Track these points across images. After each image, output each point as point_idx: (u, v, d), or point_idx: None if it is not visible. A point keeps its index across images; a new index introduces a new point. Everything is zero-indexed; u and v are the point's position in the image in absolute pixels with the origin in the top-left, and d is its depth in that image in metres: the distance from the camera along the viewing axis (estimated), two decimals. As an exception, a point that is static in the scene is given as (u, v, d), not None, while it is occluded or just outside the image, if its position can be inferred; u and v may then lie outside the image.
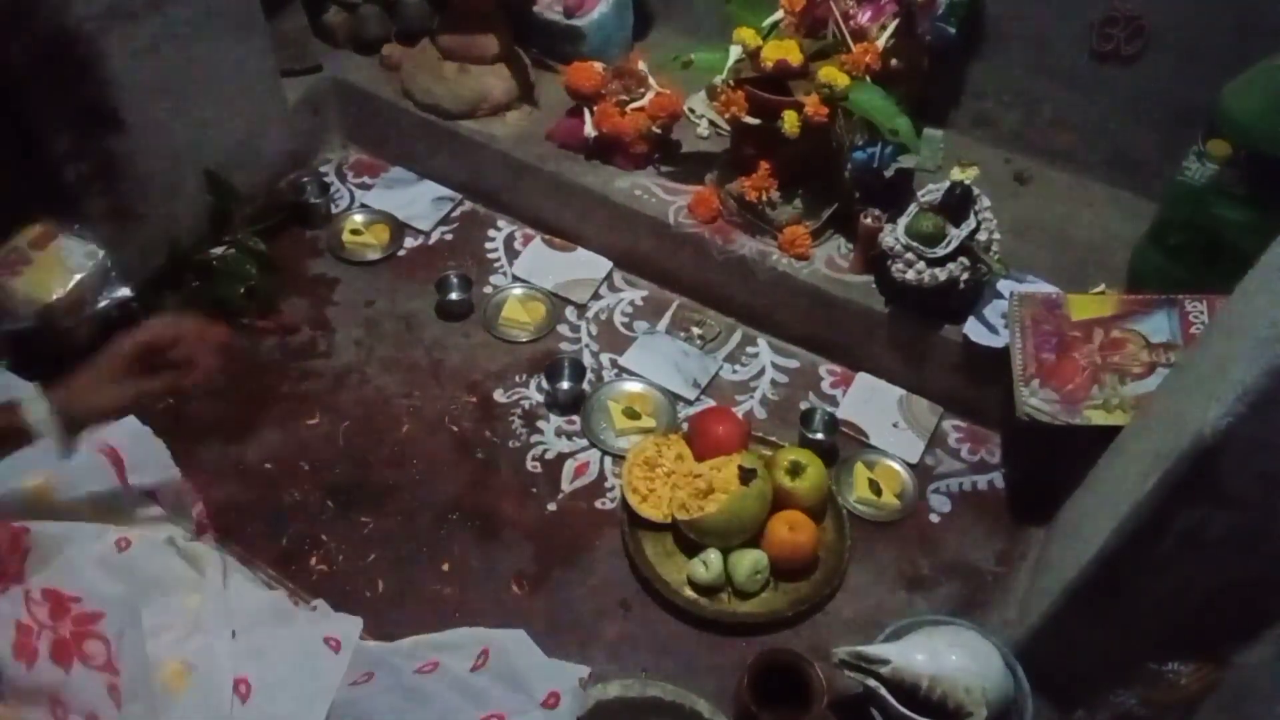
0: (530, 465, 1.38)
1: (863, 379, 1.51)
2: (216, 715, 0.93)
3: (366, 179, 1.81)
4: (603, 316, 1.60)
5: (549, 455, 1.40)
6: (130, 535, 1.01)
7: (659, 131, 1.59)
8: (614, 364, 1.52)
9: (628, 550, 1.27)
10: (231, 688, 0.94)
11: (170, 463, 1.13)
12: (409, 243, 1.70)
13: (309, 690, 0.97)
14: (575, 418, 1.44)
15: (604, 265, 1.65)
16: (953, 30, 1.50)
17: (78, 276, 1.37)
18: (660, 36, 1.89)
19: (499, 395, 1.47)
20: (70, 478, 1.01)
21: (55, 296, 1.35)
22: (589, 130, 1.60)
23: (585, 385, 1.47)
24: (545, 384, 1.46)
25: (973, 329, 1.36)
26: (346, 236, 1.69)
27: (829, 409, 1.43)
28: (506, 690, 0.99)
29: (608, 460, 1.39)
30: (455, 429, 1.42)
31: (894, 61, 1.43)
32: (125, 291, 1.41)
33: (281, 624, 1.05)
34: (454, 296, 1.57)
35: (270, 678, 0.96)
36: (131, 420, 1.11)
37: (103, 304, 1.40)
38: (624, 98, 1.60)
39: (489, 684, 0.99)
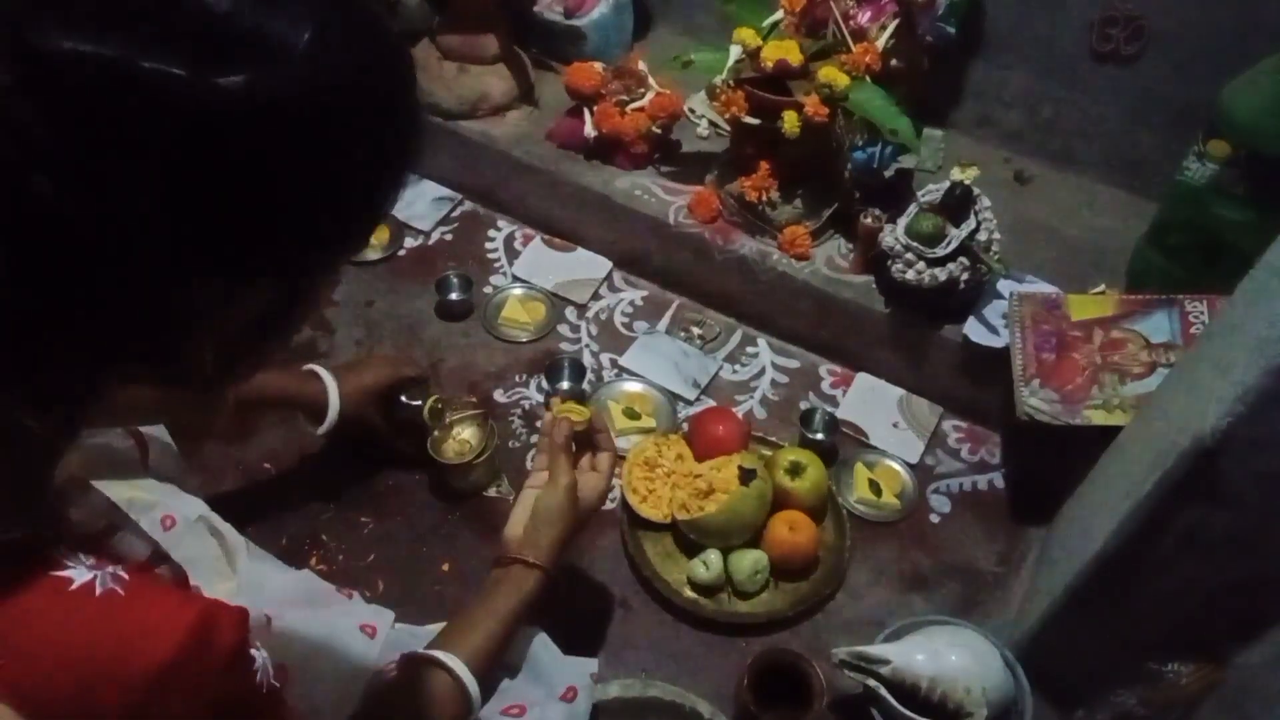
0: (530, 465, 1.38)
1: (863, 379, 1.50)
2: None
3: (366, 179, 1.80)
4: (603, 316, 1.59)
5: (549, 455, 1.40)
6: (172, 513, 0.98)
7: (659, 131, 1.59)
8: (614, 364, 1.52)
9: (628, 550, 1.27)
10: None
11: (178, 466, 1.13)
12: (409, 243, 1.70)
13: (345, 675, 0.96)
14: (575, 418, 1.44)
15: (604, 265, 1.65)
16: (953, 30, 1.49)
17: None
18: (660, 36, 1.89)
19: (499, 395, 1.47)
20: (100, 455, 0.98)
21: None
22: (589, 130, 1.60)
23: (585, 385, 1.46)
24: (545, 384, 1.46)
25: (973, 329, 1.36)
26: (346, 236, 1.69)
27: (829, 409, 1.43)
28: (527, 682, 0.99)
29: (608, 460, 1.39)
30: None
31: (894, 61, 1.43)
32: (125, 291, 1.41)
33: (314, 606, 1.04)
34: (454, 296, 1.57)
35: (307, 664, 0.95)
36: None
37: (103, 304, 1.40)
38: (624, 98, 1.59)
39: (508, 674, 1.00)
